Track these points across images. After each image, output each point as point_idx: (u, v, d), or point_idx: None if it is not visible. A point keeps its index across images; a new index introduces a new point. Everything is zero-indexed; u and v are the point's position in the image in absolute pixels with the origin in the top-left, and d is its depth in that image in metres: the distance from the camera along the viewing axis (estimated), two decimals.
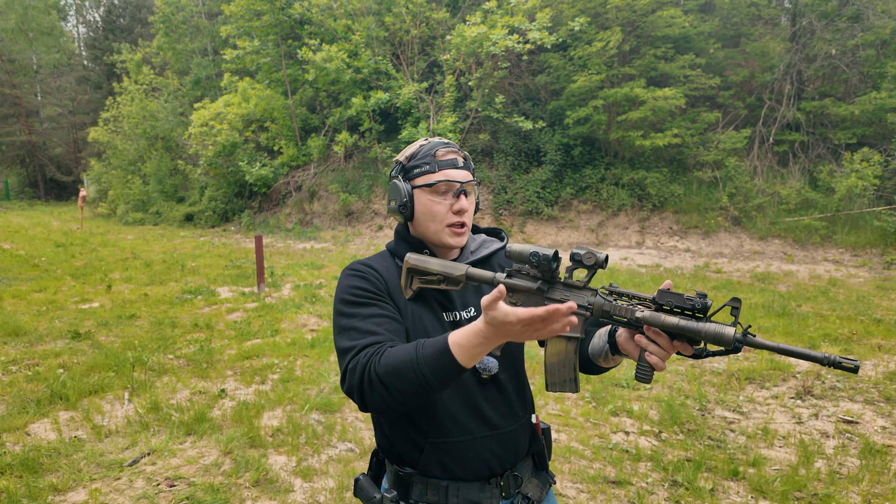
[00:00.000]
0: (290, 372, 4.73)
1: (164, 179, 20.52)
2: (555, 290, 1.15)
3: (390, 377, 1.06)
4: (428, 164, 1.30)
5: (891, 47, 11.96)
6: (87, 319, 6.39)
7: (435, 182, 1.28)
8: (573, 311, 1.01)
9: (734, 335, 0.98)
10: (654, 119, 12.48)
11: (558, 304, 0.96)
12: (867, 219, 10.62)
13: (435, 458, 1.26)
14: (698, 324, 1.01)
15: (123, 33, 33.14)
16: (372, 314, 1.22)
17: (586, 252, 1.10)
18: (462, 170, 1.31)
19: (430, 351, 1.05)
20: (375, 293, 1.26)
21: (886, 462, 3.23)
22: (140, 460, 3.27)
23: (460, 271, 1.23)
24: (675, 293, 1.04)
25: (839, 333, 5.68)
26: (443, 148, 1.31)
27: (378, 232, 14.26)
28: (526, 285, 1.16)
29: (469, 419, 1.26)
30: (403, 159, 1.33)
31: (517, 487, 1.33)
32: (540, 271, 1.14)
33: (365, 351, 1.13)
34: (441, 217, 1.29)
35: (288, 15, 15.68)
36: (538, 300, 1.15)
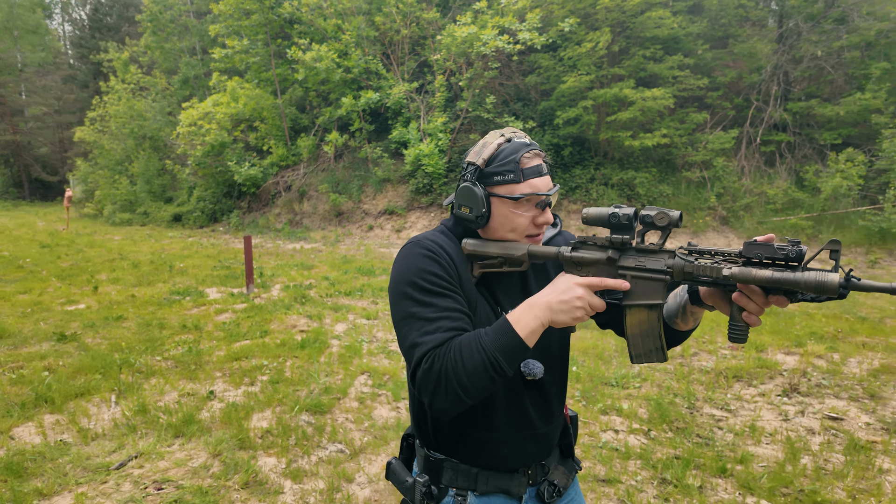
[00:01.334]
0: (279, 373, 4.71)
1: (151, 179, 20.33)
2: (627, 257, 1.08)
3: (467, 375, 1.06)
4: (512, 173, 1.17)
5: (875, 49, 12.14)
6: (73, 321, 6.32)
7: (520, 196, 1.18)
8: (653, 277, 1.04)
9: (839, 281, 0.87)
10: (644, 119, 12.57)
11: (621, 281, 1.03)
12: (852, 218, 10.76)
13: (472, 450, 1.26)
14: (795, 274, 0.90)
15: (110, 32, 32.82)
16: (449, 307, 1.15)
17: (658, 213, 1.02)
18: (546, 176, 1.20)
19: (492, 335, 1.07)
20: (450, 282, 1.18)
21: (871, 458, 3.28)
22: (127, 463, 3.23)
23: (521, 251, 1.18)
24: (764, 243, 0.94)
25: (825, 331, 5.76)
26: (527, 151, 1.19)
27: (368, 232, 14.23)
28: (595, 256, 1.10)
29: (510, 418, 1.27)
30: (481, 162, 1.19)
31: (544, 475, 1.34)
32: (618, 233, 1.09)
33: (437, 352, 1.10)
34: (522, 229, 1.22)
35: (277, 14, 15.60)
36: (609, 271, 1.10)
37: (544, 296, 1.09)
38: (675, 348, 5.29)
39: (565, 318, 1.07)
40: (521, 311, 1.09)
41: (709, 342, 5.52)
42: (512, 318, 1.08)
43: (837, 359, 4.99)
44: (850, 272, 0.88)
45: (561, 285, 1.09)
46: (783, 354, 5.17)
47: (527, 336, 1.07)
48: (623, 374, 4.61)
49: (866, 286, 0.87)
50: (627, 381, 4.51)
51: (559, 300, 1.07)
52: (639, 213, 1.06)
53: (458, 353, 1.07)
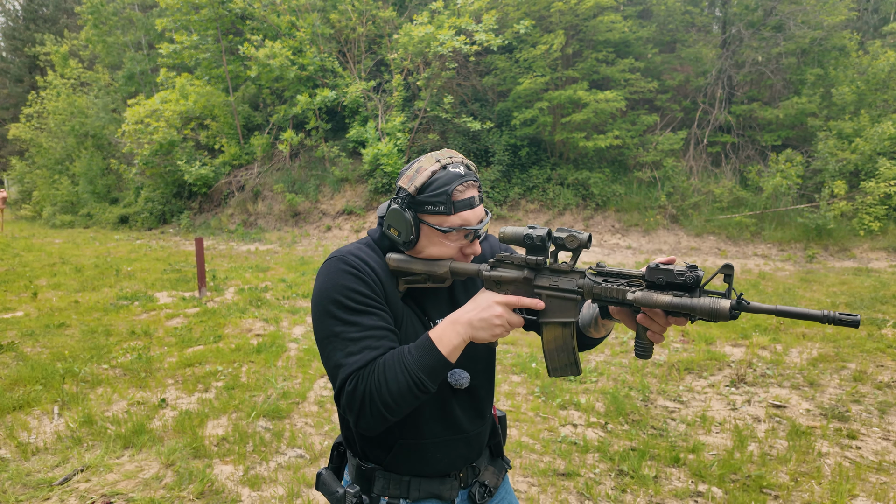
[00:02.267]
0: (235, 379, 4.58)
1: (95, 179, 19.39)
2: (542, 277, 1.14)
3: (391, 396, 1.08)
4: (443, 204, 1.16)
5: (810, 56, 12.85)
6: (9, 329, 5.96)
7: (449, 229, 1.17)
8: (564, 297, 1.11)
9: (730, 307, 0.94)
10: (597, 121, 12.89)
11: (537, 300, 1.09)
12: (791, 216, 11.36)
13: (402, 457, 1.27)
14: (692, 300, 0.97)
15: (47, 24, 31.09)
16: (373, 326, 1.15)
17: (568, 235, 1.08)
18: (478, 207, 1.20)
19: (416, 354, 1.10)
20: (374, 299, 1.18)
21: (811, 443, 3.47)
22: (72, 478, 3.07)
23: (444, 267, 1.21)
24: (665, 268, 1.00)
25: (768, 324, 6.05)
26: (460, 183, 1.17)
27: (326, 233, 14.02)
28: (512, 275, 1.14)
29: (441, 424, 1.27)
30: (413, 190, 1.18)
31: (475, 477, 1.36)
32: (532, 253, 1.13)
33: (361, 373, 1.11)
34: (448, 256, 1.22)
35: (228, 9, 15.14)
36: (526, 289, 1.14)
37: (466, 313, 1.12)
38: (630, 343, 5.43)
39: (485, 334, 1.10)
40: (443, 329, 1.12)
41: None
42: (434, 336, 1.11)
43: (780, 349, 5.26)
44: (740, 296, 0.95)
45: (481, 303, 1.12)
46: (730, 347, 5.41)
47: (449, 353, 1.10)
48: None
49: (755, 308, 0.94)
50: (585, 376, 4.62)
51: (479, 318, 1.10)
52: (551, 234, 1.11)
53: (381, 373, 1.09)
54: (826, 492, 2.94)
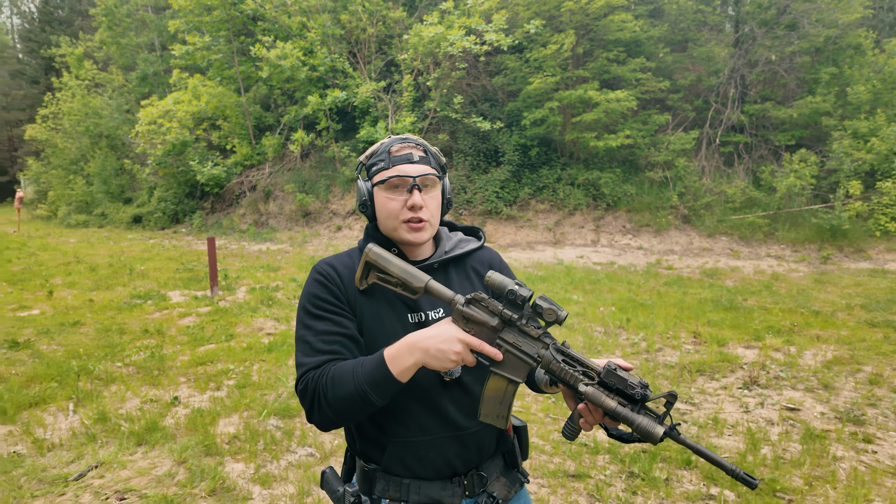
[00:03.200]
0: (246, 377, 4.61)
1: (109, 180, 19.61)
2: (509, 332, 1.17)
3: (336, 400, 1.15)
4: (383, 161, 1.28)
5: (824, 54, 12.69)
6: (25, 327, 6.05)
7: (387, 178, 1.26)
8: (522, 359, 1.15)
9: (662, 435, 1.03)
10: (608, 121, 12.82)
11: (497, 351, 1.13)
12: (805, 216, 11.22)
13: (396, 456, 1.26)
14: (633, 415, 1.05)
15: (62, 26, 31.52)
16: (325, 330, 1.23)
17: (548, 308, 1.11)
18: (419, 164, 1.27)
19: (367, 368, 1.15)
20: (333, 304, 1.26)
21: (825, 446, 3.43)
22: (87, 474, 3.11)
23: (420, 282, 1.21)
24: (620, 376, 1.07)
25: (782, 325, 5.99)
26: (398, 143, 1.30)
27: (337, 233, 14.08)
28: (483, 319, 1.16)
29: (430, 420, 1.26)
30: (364, 158, 1.33)
31: (482, 486, 1.32)
32: (509, 309, 1.16)
33: (312, 374, 1.19)
34: (396, 213, 1.27)
35: (240, 10, 15.25)
36: (490, 336, 1.17)
37: (426, 339, 1.14)
38: (641, 344, 5.40)
39: (437, 364, 1.13)
40: (399, 349, 1.15)
41: (672, 338, 5.67)
42: (388, 355, 1.14)
43: (794, 352, 5.20)
44: (674, 426, 1.05)
45: (444, 335, 1.14)
46: (743, 348, 5.35)
47: (399, 374, 1.13)
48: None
49: (682, 441, 1.04)
50: None
51: (438, 348, 1.12)
52: (533, 300, 1.14)
53: (331, 379, 1.16)
54: (841, 496, 2.90)
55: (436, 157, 1.34)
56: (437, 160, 1.33)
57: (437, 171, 1.32)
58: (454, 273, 1.37)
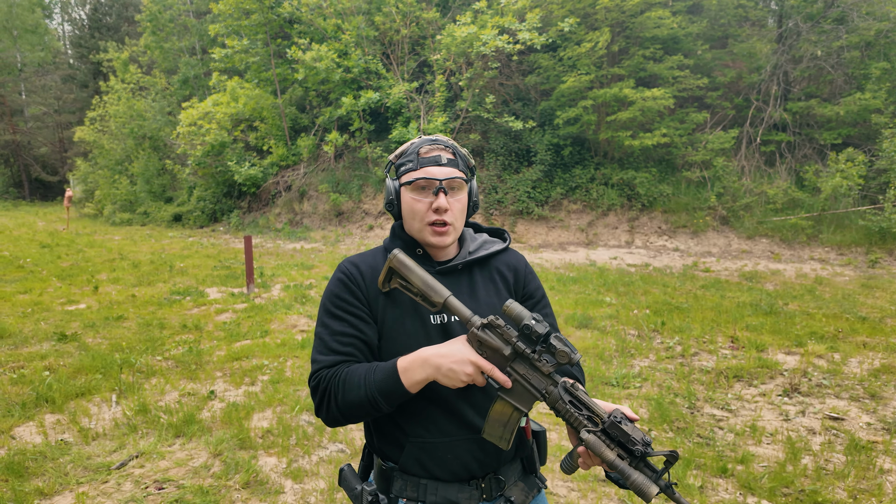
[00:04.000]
0: (280, 373, 4.71)
1: (151, 179, 20.32)
2: (520, 363, 1.17)
3: (345, 403, 1.19)
4: (412, 162, 1.29)
5: (875, 49, 12.14)
6: (73, 321, 6.32)
7: (414, 179, 1.27)
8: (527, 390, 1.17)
9: (656, 493, 1.03)
10: (643, 119, 12.57)
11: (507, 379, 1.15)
12: (852, 218, 10.76)
13: (414, 456, 1.27)
14: (630, 470, 1.06)
15: (110, 31, 32.78)
16: (342, 332, 1.26)
17: (562, 349, 1.12)
18: (446, 167, 1.28)
19: (380, 376, 1.18)
20: (352, 304, 1.28)
21: (871, 458, 3.28)
22: (128, 463, 3.23)
23: (440, 297, 1.21)
24: (624, 431, 1.07)
25: (825, 331, 5.76)
26: (428, 145, 1.30)
27: (368, 232, 14.23)
28: (497, 345, 1.17)
29: (450, 422, 1.26)
30: (394, 157, 1.34)
31: (500, 490, 1.31)
32: (524, 342, 1.16)
33: (326, 373, 1.22)
34: (421, 215, 1.28)
35: (277, 14, 15.58)
36: (502, 363, 1.17)
37: (439, 357, 1.15)
38: (676, 348, 5.28)
39: (448, 382, 1.16)
40: (412, 362, 1.17)
41: (709, 342, 5.53)
42: (401, 366, 1.17)
43: (838, 359, 4.99)
44: (671, 485, 1.05)
45: (458, 355, 1.15)
46: (784, 354, 5.17)
47: (410, 386, 1.16)
48: (624, 374, 4.61)
49: (678, 501, 1.05)
50: (628, 381, 4.51)
51: (450, 368, 1.14)
52: (548, 339, 1.14)
53: (342, 381, 1.20)
54: None
55: (465, 160, 1.34)
56: (465, 162, 1.34)
57: (466, 173, 1.32)
58: (478, 274, 1.37)
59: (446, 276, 1.33)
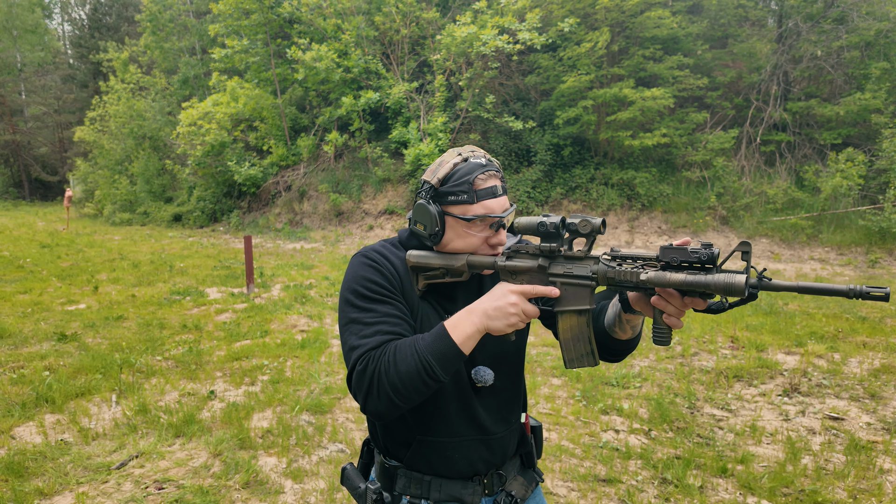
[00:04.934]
0: (280, 373, 4.71)
1: (151, 179, 20.32)
2: (556, 265, 1.13)
3: (398, 377, 1.08)
4: (466, 194, 1.17)
5: (875, 49, 12.14)
6: (73, 321, 6.32)
7: (473, 217, 1.18)
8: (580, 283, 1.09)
9: (746, 282, 0.91)
10: (643, 119, 12.57)
11: (553, 288, 1.08)
12: (852, 218, 10.76)
13: (421, 454, 1.26)
14: (707, 276, 0.94)
15: (110, 31, 32.77)
16: (387, 313, 1.18)
17: (581, 220, 1.07)
18: (502, 197, 1.20)
19: (428, 340, 1.10)
20: (390, 290, 1.21)
21: (871, 458, 3.28)
22: (128, 463, 3.23)
23: (461, 261, 1.20)
24: (680, 248, 0.98)
25: (825, 331, 5.76)
26: (482, 172, 1.19)
27: (368, 232, 14.23)
28: (527, 265, 1.14)
29: (460, 422, 1.26)
30: (436, 182, 1.20)
31: (501, 485, 1.33)
32: (547, 241, 1.12)
33: (373, 353, 1.12)
34: (474, 248, 1.22)
35: (277, 14, 15.58)
36: (541, 278, 1.13)
37: (481, 303, 1.11)
38: (676, 348, 5.28)
39: (500, 324, 1.08)
40: (458, 318, 1.11)
41: (709, 342, 5.53)
42: (449, 325, 1.10)
43: (838, 359, 4.99)
44: (761, 273, 0.92)
45: (496, 293, 1.10)
46: (784, 354, 5.17)
47: (462, 342, 1.08)
48: (623, 374, 4.61)
49: (775, 286, 0.91)
50: (628, 381, 4.51)
51: (494, 307, 1.08)
52: (565, 221, 1.10)
53: (392, 355, 1.10)
54: None
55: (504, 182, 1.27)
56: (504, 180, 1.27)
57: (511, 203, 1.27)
58: (488, 278, 1.36)
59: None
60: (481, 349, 1.23)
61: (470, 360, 1.25)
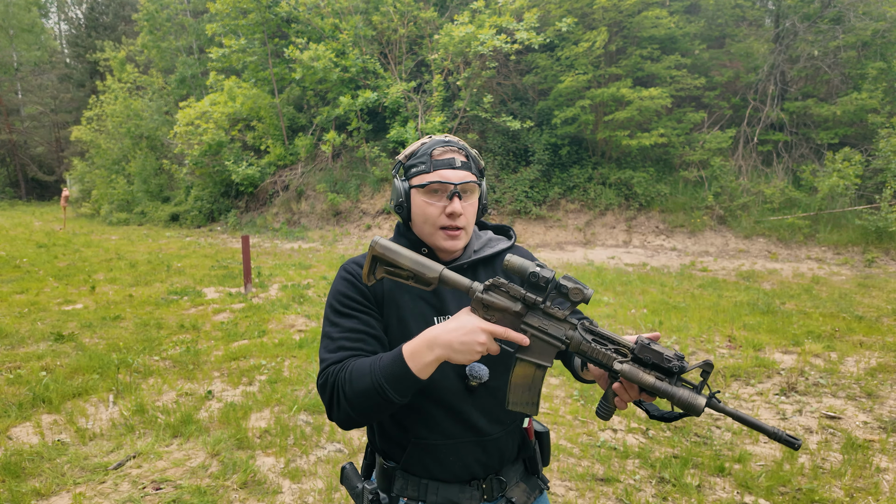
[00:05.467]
0: (277, 373, 4.70)
1: (148, 179, 20.27)
2: (534, 316, 1.12)
3: (354, 395, 1.13)
4: (424, 164, 1.25)
5: (871, 49, 12.18)
6: (70, 321, 6.30)
7: (427, 183, 1.23)
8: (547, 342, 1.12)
9: (704, 406, 1.01)
10: (641, 119, 12.59)
11: (523, 336, 1.10)
12: (849, 217, 10.80)
13: (416, 457, 1.26)
14: (673, 388, 1.03)
15: (107, 31, 32.68)
16: (351, 328, 1.23)
17: (574, 287, 1.08)
18: (460, 170, 1.25)
19: (386, 362, 1.12)
20: (360, 302, 1.26)
21: (868, 457, 3.29)
22: (125, 463, 3.22)
23: (434, 272, 1.15)
24: (656, 350, 1.04)
25: (822, 330, 5.77)
26: (441, 147, 1.26)
27: (366, 232, 14.22)
28: (505, 305, 1.12)
29: (454, 424, 1.26)
30: (403, 158, 1.30)
31: (501, 491, 1.31)
32: (533, 291, 1.12)
33: (333, 368, 1.18)
34: (434, 219, 1.25)
35: (274, 13, 15.56)
36: (514, 322, 1.12)
37: (448, 332, 1.09)
38: (673, 347, 5.29)
39: (462, 358, 1.09)
40: (418, 345, 1.10)
41: (707, 341, 5.54)
42: (407, 352, 1.11)
43: (835, 358, 5.01)
44: (713, 394, 1.03)
45: (467, 326, 1.08)
46: (781, 353, 5.19)
47: (419, 370, 1.09)
48: None
49: (724, 410, 1.02)
50: None
51: (461, 341, 1.08)
52: (557, 282, 1.10)
53: (349, 372, 1.14)
54: None
55: (476, 162, 1.31)
56: (476, 165, 1.31)
57: (477, 176, 1.29)
58: (482, 273, 1.35)
59: None
60: None
61: None
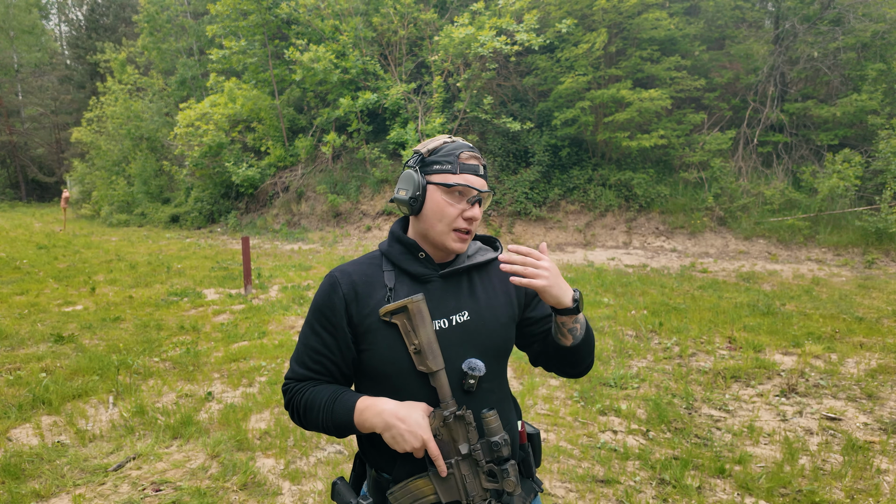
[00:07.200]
0: (277, 374, 4.70)
1: (149, 180, 20.27)
2: (466, 465, 1.21)
3: (307, 422, 1.26)
4: (450, 164, 1.26)
5: (871, 50, 12.19)
6: (70, 322, 6.30)
7: (454, 184, 1.24)
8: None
9: None
10: (641, 120, 12.60)
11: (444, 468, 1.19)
12: (849, 219, 10.80)
13: (407, 469, 1.24)
14: None
15: (107, 32, 32.72)
16: (314, 348, 1.27)
17: (510, 480, 1.19)
18: (481, 178, 1.28)
19: (339, 406, 1.22)
20: (331, 322, 1.25)
21: (869, 458, 3.29)
22: (125, 465, 3.22)
23: (436, 366, 1.21)
24: None
25: (822, 332, 5.77)
26: (467, 151, 1.28)
27: (366, 233, 14.22)
28: (457, 438, 1.21)
29: None
30: (425, 151, 1.29)
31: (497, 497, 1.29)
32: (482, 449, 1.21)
33: (294, 385, 1.29)
34: (450, 220, 1.25)
35: (275, 15, 15.57)
36: (450, 452, 1.21)
37: (395, 417, 1.16)
38: (673, 348, 5.29)
39: (390, 443, 1.18)
40: (369, 407, 1.19)
41: (707, 343, 5.53)
42: (359, 407, 1.20)
43: (835, 359, 5.00)
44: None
45: (413, 426, 1.16)
46: (781, 355, 5.18)
47: (361, 427, 1.20)
48: (621, 375, 4.61)
49: None
50: (626, 382, 4.52)
51: (401, 435, 1.15)
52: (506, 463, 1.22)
53: (305, 402, 1.25)
54: None
55: (486, 170, 1.34)
56: (487, 176, 1.34)
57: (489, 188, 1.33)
58: (477, 278, 1.36)
59: (449, 278, 1.32)
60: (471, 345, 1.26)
61: (460, 354, 1.25)
